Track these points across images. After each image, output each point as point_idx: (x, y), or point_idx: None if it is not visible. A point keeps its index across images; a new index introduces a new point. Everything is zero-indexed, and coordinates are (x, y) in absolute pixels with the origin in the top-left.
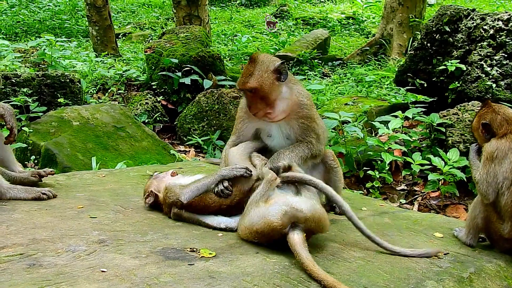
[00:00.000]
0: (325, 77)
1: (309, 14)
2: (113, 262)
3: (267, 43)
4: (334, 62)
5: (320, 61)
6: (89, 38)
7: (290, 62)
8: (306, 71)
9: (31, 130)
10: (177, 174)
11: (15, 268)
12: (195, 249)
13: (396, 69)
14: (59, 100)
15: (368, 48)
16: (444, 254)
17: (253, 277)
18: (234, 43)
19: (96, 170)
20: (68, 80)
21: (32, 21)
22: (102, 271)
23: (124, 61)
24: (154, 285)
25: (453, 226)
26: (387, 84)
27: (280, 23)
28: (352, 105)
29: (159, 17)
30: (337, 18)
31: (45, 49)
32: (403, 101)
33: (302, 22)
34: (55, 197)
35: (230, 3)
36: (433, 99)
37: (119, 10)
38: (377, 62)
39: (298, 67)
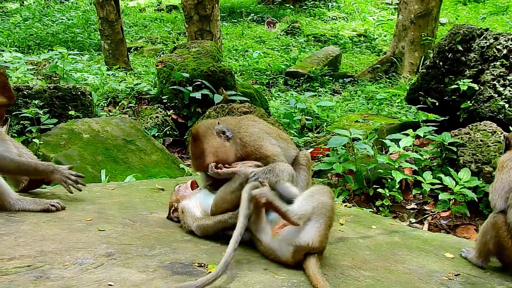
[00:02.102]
0: (335, 94)
1: (320, 31)
2: (120, 276)
3: (278, 59)
4: (345, 79)
5: (331, 78)
6: (101, 52)
7: (301, 78)
8: (316, 87)
9: (42, 142)
10: (197, 186)
11: (22, 280)
12: (203, 264)
13: (408, 88)
14: (70, 112)
15: (379, 66)
16: (455, 275)
17: None
18: (245, 58)
19: (105, 183)
20: (79, 93)
21: (45, 34)
22: (109, 285)
23: (135, 75)
24: None
25: (464, 247)
26: (398, 102)
27: (291, 39)
28: (362, 122)
29: (171, 32)
30: (348, 35)
31: (57, 61)
32: (414, 120)
33: (313, 38)
34: (63, 209)
35: (242, 19)
36: (444, 118)
37: (131, 25)
38: (388, 80)
39: (309, 84)
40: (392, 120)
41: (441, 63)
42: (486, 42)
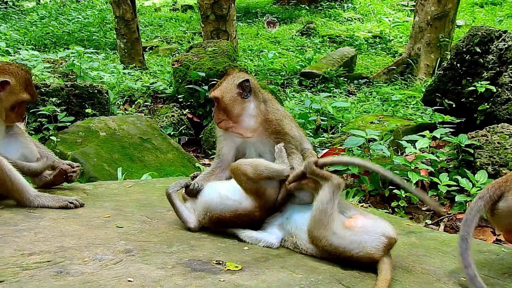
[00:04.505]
0: (350, 95)
1: (335, 32)
2: (139, 272)
3: (293, 59)
4: (360, 80)
5: (346, 79)
6: (116, 51)
7: (316, 79)
8: (331, 88)
9: (59, 140)
10: None
11: (42, 275)
12: (221, 262)
13: (424, 89)
14: (86, 110)
15: (395, 67)
16: None
17: None
18: (260, 58)
19: (121, 180)
20: (96, 91)
21: (61, 32)
22: (129, 281)
23: (151, 74)
24: None
25: (481, 249)
26: (413, 104)
27: (306, 40)
28: (378, 123)
29: (186, 31)
30: (364, 36)
31: (74, 60)
32: (429, 121)
33: (328, 39)
34: (82, 206)
35: (257, 19)
36: (461, 120)
37: (147, 24)
38: (404, 82)
39: (323, 84)
40: (407, 121)
41: (458, 64)
42: (504, 44)
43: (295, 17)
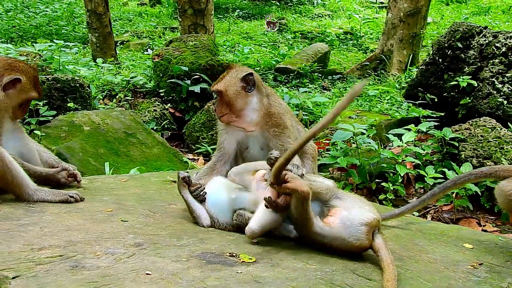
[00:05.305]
0: (324, 91)
1: (307, 28)
2: (155, 265)
3: (267, 55)
4: (334, 76)
5: (320, 75)
6: (86, 45)
7: (291, 74)
8: (306, 84)
9: (43, 134)
10: None
11: (58, 269)
12: (234, 254)
13: (397, 85)
14: (68, 104)
15: (368, 63)
16: (479, 264)
17: (298, 282)
18: (235, 54)
19: (109, 174)
20: (78, 85)
21: (28, 26)
22: (147, 274)
23: (129, 68)
24: None
25: (479, 238)
26: (388, 99)
27: (278, 36)
28: (356, 118)
29: (157, 26)
30: (335, 33)
31: (52, 53)
32: (406, 115)
33: (300, 35)
34: (82, 200)
35: (228, 15)
36: (441, 114)
37: (116, 18)
38: (377, 77)
39: (298, 80)
40: (384, 116)
41: (440, 59)
42: (485, 40)
43: (266, 12)
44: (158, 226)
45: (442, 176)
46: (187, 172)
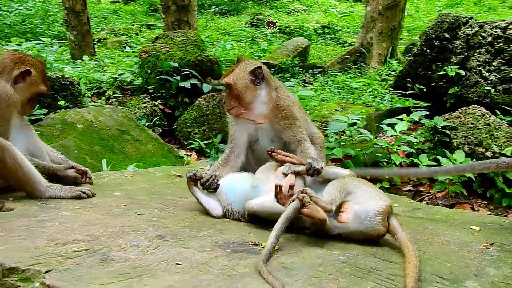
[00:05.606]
0: (306, 85)
1: (284, 23)
2: (182, 256)
3: (247, 50)
4: (314, 70)
5: (301, 69)
6: (62, 44)
7: (272, 69)
8: (288, 78)
9: (38, 132)
10: None
11: (88, 263)
12: (257, 243)
13: (378, 77)
14: (59, 102)
15: (348, 56)
16: (490, 244)
17: (324, 267)
18: (218, 49)
19: (108, 171)
20: (68, 83)
21: (2, 25)
22: (177, 264)
23: (109, 66)
24: (234, 276)
25: (484, 220)
26: (369, 92)
27: (256, 31)
28: (342, 110)
29: (133, 24)
30: (313, 27)
31: (39, 51)
32: (391, 107)
33: (278, 30)
34: (94, 195)
35: (204, 11)
36: (428, 103)
37: (91, 16)
38: (357, 70)
39: (280, 74)
40: (369, 108)
41: (428, 50)
42: (471, 30)
43: (242, 8)
44: (175, 218)
45: (436, 163)
46: (196, 170)
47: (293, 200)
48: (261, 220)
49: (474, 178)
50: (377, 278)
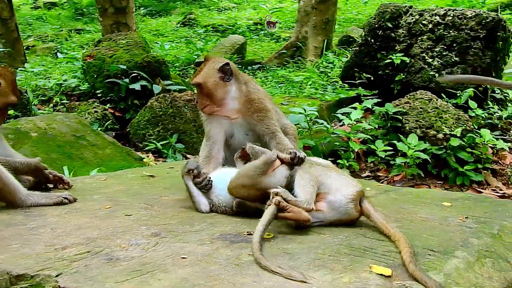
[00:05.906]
0: None
1: (217, 21)
2: (185, 250)
3: (183, 50)
4: (253, 66)
5: (240, 66)
6: None
7: None
8: None
9: None
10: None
11: (96, 264)
12: (251, 232)
13: (316, 70)
14: (8, 112)
15: (285, 51)
16: (465, 217)
17: (323, 249)
18: (155, 50)
19: (76, 176)
20: None
21: None
22: (183, 258)
23: (42, 73)
24: (242, 264)
25: (450, 197)
26: (310, 84)
27: (189, 31)
28: (287, 104)
29: (61, 29)
30: (245, 24)
31: None
32: (334, 97)
33: (211, 29)
34: (75, 200)
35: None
36: (374, 91)
37: None
38: (296, 64)
39: None
40: (313, 100)
41: (372, 40)
42: (412, 19)
43: (171, 8)
44: (164, 216)
45: (391, 148)
46: (197, 164)
47: (268, 205)
48: (248, 211)
49: (429, 160)
50: (374, 255)
